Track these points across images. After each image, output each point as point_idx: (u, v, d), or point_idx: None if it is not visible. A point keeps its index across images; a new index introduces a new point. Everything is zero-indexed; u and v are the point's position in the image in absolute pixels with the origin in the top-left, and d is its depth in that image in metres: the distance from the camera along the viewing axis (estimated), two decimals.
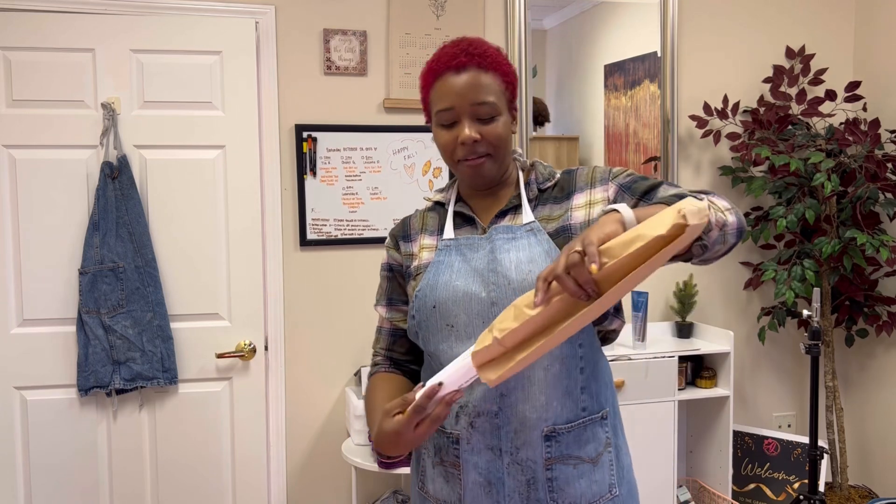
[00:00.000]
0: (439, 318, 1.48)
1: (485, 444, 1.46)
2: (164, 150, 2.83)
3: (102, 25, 2.77)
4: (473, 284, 1.47)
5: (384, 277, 1.64)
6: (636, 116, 3.36)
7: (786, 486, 3.31)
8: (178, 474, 2.90)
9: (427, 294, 1.49)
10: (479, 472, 1.47)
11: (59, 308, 2.77)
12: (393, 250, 1.63)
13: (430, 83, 1.50)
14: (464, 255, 1.51)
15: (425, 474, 1.57)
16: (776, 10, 3.52)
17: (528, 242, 1.48)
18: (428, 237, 1.59)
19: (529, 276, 1.44)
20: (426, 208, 1.65)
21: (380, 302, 1.65)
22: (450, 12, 3.11)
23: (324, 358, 3.09)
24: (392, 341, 1.64)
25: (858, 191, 3.13)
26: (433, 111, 1.50)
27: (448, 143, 1.48)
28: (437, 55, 1.50)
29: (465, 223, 1.57)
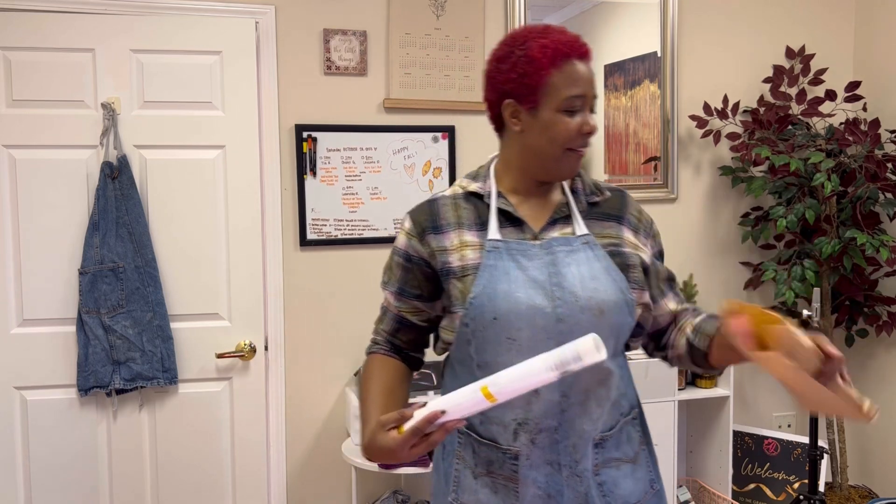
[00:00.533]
0: (500, 331, 1.41)
1: (544, 459, 1.44)
2: (164, 150, 2.83)
3: (102, 25, 2.77)
4: (536, 297, 1.41)
5: (399, 265, 1.54)
6: (636, 116, 3.36)
7: (786, 486, 3.31)
8: (178, 474, 2.90)
9: (485, 304, 1.41)
10: (538, 486, 1.44)
11: (59, 308, 2.77)
12: (416, 241, 1.52)
13: (557, 64, 1.42)
14: (517, 262, 1.44)
15: (460, 485, 1.50)
16: (776, 10, 3.52)
17: (587, 257, 1.46)
18: (468, 233, 1.48)
19: (595, 293, 1.42)
20: (456, 196, 1.54)
21: (389, 286, 1.57)
22: (450, 12, 3.11)
23: (324, 358, 3.09)
24: (396, 328, 1.58)
25: (858, 191, 3.13)
26: (557, 96, 1.42)
27: (570, 129, 1.43)
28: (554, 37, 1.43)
29: (509, 223, 1.49)
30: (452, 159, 3.14)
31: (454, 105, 3.13)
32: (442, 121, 3.15)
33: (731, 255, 3.54)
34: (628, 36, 3.33)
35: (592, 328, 1.41)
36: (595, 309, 1.41)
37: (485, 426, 1.47)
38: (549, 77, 1.42)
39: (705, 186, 3.48)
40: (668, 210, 3.44)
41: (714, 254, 3.52)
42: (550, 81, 1.42)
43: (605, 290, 1.43)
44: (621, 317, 1.45)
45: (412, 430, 1.27)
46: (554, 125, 1.43)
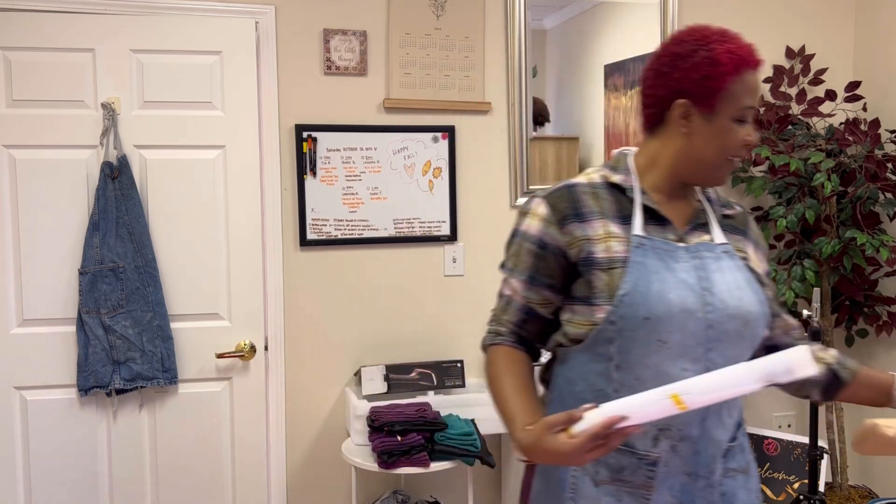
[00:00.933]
0: (650, 332, 1.36)
1: (682, 469, 1.42)
2: (165, 150, 2.83)
3: (102, 25, 2.77)
4: (688, 300, 1.38)
5: (531, 252, 1.46)
6: (636, 116, 3.36)
7: (786, 486, 3.31)
8: (178, 474, 2.90)
9: (638, 304, 1.36)
10: (672, 493, 1.42)
11: (59, 308, 2.77)
12: (555, 228, 1.44)
13: (739, 72, 1.39)
14: (665, 262, 1.40)
15: (578, 492, 1.44)
16: (776, 10, 3.52)
17: (729, 265, 1.45)
18: (612, 224, 1.43)
19: (741, 302, 1.41)
20: (594, 184, 1.48)
21: (517, 274, 1.47)
22: (450, 12, 3.11)
23: (324, 358, 3.09)
24: (523, 319, 1.49)
25: (858, 191, 3.13)
26: (734, 104, 1.40)
27: (738, 139, 1.41)
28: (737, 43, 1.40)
29: (652, 221, 1.45)
30: (452, 159, 3.14)
31: (454, 105, 3.13)
32: (442, 121, 3.15)
33: None
34: (628, 36, 3.33)
35: (738, 337, 1.41)
36: (741, 318, 1.41)
37: None
38: (730, 84, 1.39)
39: None
40: None
41: None
42: (731, 88, 1.39)
43: (749, 300, 1.42)
44: (760, 329, 1.44)
45: (592, 434, 1.22)
46: (726, 133, 1.40)
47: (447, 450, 2.72)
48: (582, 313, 1.42)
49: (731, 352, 1.41)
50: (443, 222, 3.16)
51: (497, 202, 3.24)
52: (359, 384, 3.09)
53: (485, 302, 3.24)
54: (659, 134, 1.48)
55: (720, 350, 1.39)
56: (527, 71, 3.21)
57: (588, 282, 1.41)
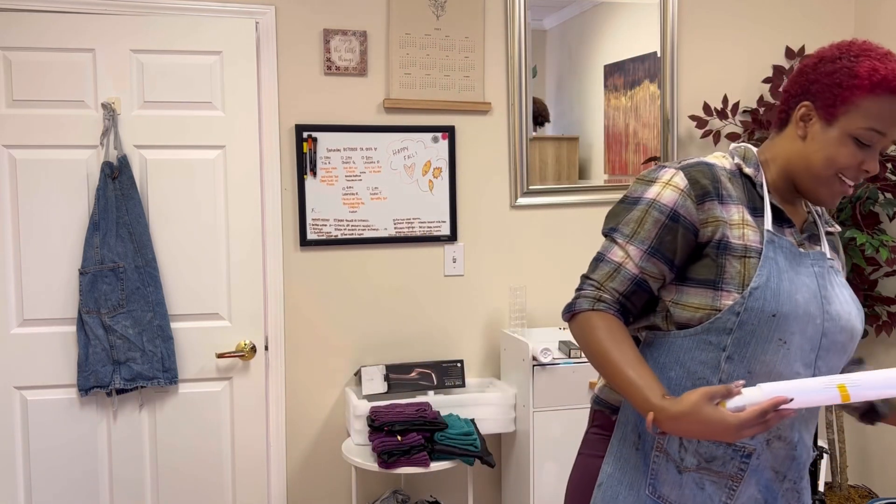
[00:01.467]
0: (774, 330, 1.35)
1: (770, 465, 1.43)
2: (165, 150, 2.83)
3: (102, 25, 2.77)
4: (811, 305, 1.38)
5: (658, 220, 1.38)
6: (636, 116, 3.36)
7: None
8: (178, 474, 2.90)
9: (769, 299, 1.34)
10: (759, 488, 1.43)
11: (59, 308, 2.77)
12: (692, 202, 1.38)
13: (877, 92, 1.34)
14: (791, 263, 1.39)
15: (659, 478, 1.43)
16: (776, 10, 3.52)
17: (839, 281, 1.46)
18: (747, 212, 1.41)
19: (850, 317, 1.43)
20: (730, 171, 1.45)
21: (635, 241, 1.39)
22: (450, 12, 3.11)
23: (324, 358, 3.09)
24: (632, 290, 1.40)
25: (858, 191, 3.13)
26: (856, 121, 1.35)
27: (852, 158, 1.36)
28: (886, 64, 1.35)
29: (776, 221, 1.43)
30: (452, 159, 3.15)
31: (454, 105, 3.13)
32: (442, 121, 3.15)
33: None
34: (628, 36, 3.33)
35: (843, 349, 1.43)
36: (849, 332, 1.43)
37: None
38: (860, 99, 1.35)
39: None
40: None
41: None
42: (859, 103, 1.35)
43: (855, 316, 1.45)
44: (855, 345, 1.46)
45: (760, 411, 1.21)
46: (838, 147, 1.37)
47: (447, 450, 2.72)
48: (701, 297, 1.38)
49: (835, 362, 1.43)
50: (443, 222, 3.16)
51: (497, 202, 3.24)
52: (359, 384, 3.09)
53: (485, 302, 3.24)
54: (783, 133, 1.46)
55: (826, 359, 1.42)
56: (527, 71, 3.21)
57: (719, 266, 1.37)
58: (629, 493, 1.45)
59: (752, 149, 1.49)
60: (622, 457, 1.47)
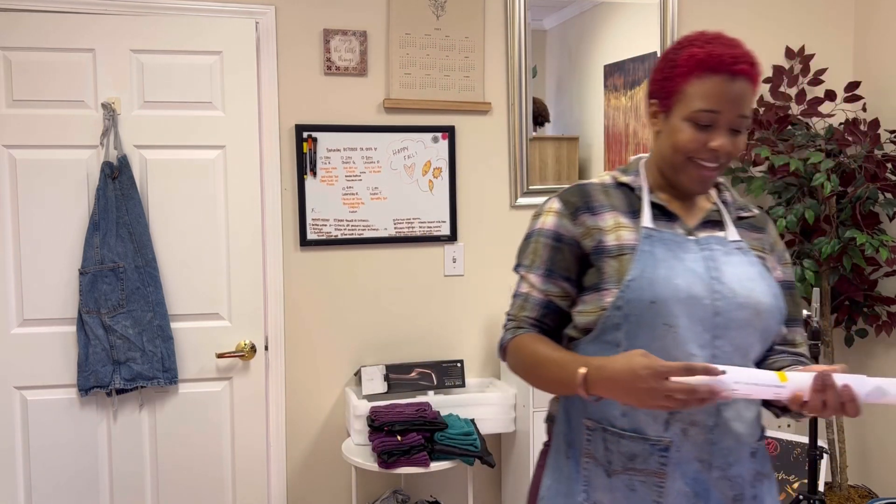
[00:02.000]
0: (656, 316, 1.38)
1: (695, 456, 1.42)
2: (165, 151, 2.83)
3: (102, 25, 2.77)
4: (695, 287, 1.40)
5: (546, 245, 1.50)
6: (636, 116, 3.36)
7: (785, 486, 3.31)
8: (178, 474, 2.90)
9: (644, 287, 1.39)
10: (685, 481, 1.42)
11: (59, 308, 2.77)
12: (568, 220, 1.49)
13: (698, 75, 1.41)
14: (673, 252, 1.44)
15: (591, 484, 1.46)
16: (776, 10, 3.52)
17: (741, 260, 1.47)
18: (622, 217, 1.48)
19: (752, 293, 1.43)
20: (605, 184, 1.54)
21: (533, 269, 1.51)
22: (450, 12, 3.11)
23: (324, 358, 3.09)
24: (543, 313, 1.51)
25: (858, 191, 3.14)
26: (688, 106, 1.42)
27: (693, 142, 1.42)
28: (709, 49, 1.41)
29: (663, 217, 1.50)
30: (452, 159, 3.15)
31: (454, 105, 3.13)
32: (442, 121, 3.15)
33: None
34: (628, 36, 3.33)
35: (748, 326, 1.42)
36: (752, 308, 1.43)
37: (629, 417, 1.43)
38: (685, 85, 1.42)
39: None
40: None
41: None
42: (685, 90, 1.42)
43: (761, 292, 1.44)
44: (773, 322, 1.46)
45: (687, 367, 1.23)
46: (677, 132, 1.44)
47: (447, 450, 2.72)
48: (592, 301, 1.45)
49: (741, 341, 1.42)
50: (443, 222, 3.16)
51: (497, 202, 3.24)
52: (359, 384, 3.09)
53: (485, 302, 3.24)
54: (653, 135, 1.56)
55: (728, 338, 1.41)
56: (527, 71, 3.21)
57: (598, 269, 1.45)
58: (566, 502, 1.48)
59: (640, 158, 1.57)
60: (558, 468, 1.52)
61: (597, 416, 1.46)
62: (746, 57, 1.42)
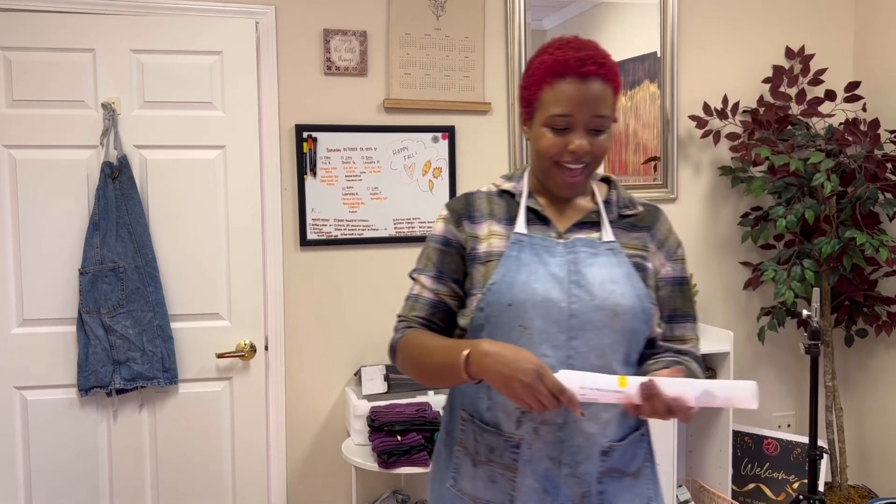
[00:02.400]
0: (513, 318, 1.45)
1: (545, 453, 1.47)
2: (165, 150, 2.83)
3: (102, 25, 2.77)
4: (553, 290, 1.45)
5: (436, 249, 1.58)
6: (636, 116, 3.36)
7: (785, 486, 3.31)
8: (178, 474, 2.90)
9: (503, 291, 1.46)
10: (535, 478, 1.47)
11: (59, 308, 2.77)
12: (452, 226, 1.58)
13: (549, 81, 1.46)
14: (540, 257, 1.49)
15: (459, 472, 1.55)
16: (776, 10, 3.52)
17: (608, 261, 1.49)
18: (497, 224, 1.55)
19: (612, 296, 1.46)
20: (490, 192, 1.60)
21: (425, 272, 1.58)
22: (450, 12, 3.11)
23: (324, 358, 3.09)
24: (433, 312, 1.57)
25: (858, 191, 3.14)
26: (544, 112, 1.46)
27: (553, 146, 1.47)
28: (559, 54, 1.45)
29: (538, 221, 1.55)
30: (452, 159, 3.15)
31: (454, 105, 3.13)
32: (442, 121, 3.15)
33: (730, 255, 3.54)
34: (628, 36, 3.33)
35: (605, 328, 1.45)
36: (609, 310, 1.45)
37: (491, 412, 1.50)
38: (540, 93, 1.47)
39: (705, 186, 3.48)
40: (667, 210, 3.44)
41: (714, 254, 3.52)
42: (541, 97, 1.47)
43: (622, 293, 1.46)
44: (636, 323, 1.47)
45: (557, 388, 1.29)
46: (539, 138, 1.49)
47: None
48: (467, 304, 1.54)
49: (597, 342, 1.45)
50: None
51: None
52: (359, 384, 3.09)
53: None
54: None
55: (584, 339, 1.45)
56: None
57: (470, 275, 1.54)
58: (440, 487, 1.59)
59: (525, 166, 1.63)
60: (438, 454, 1.63)
61: (470, 409, 1.54)
62: (595, 58, 1.44)
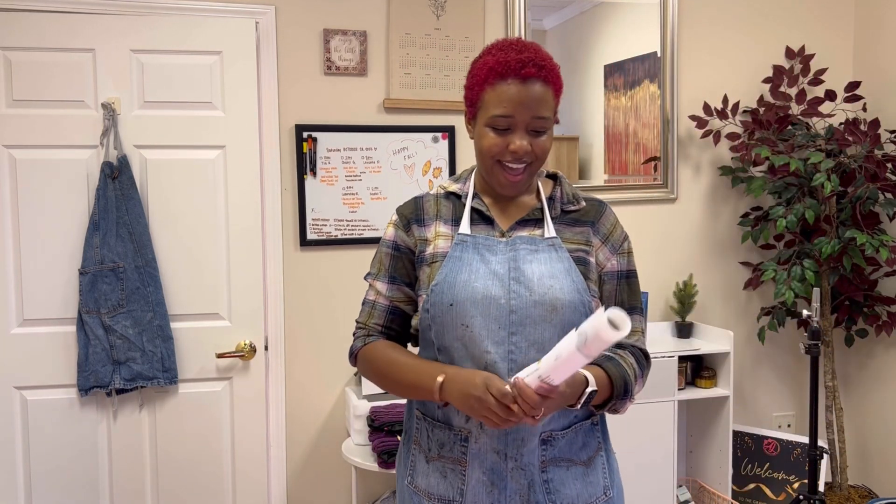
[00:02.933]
0: (455, 317, 1.48)
1: (491, 447, 1.50)
2: (165, 150, 2.83)
3: (102, 25, 2.77)
4: (493, 288, 1.49)
5: (387, 254, 1.62)
6: (636, 116, 3.36)
7: (785, 486, 3.31)
8: (178, 474, 2.90)
9: (444, 291, 1.50)
10: (483, 471, 1.51)
11: (59, 308, 2.77)
12: (402, 231, 1.61)
13: (490, 83, 1.48)
14: (482, 256, 1.52)
15: (415, 469, 1.60)
16: (776, 10, 3.52)
17: (549, 257, 1.52)
18: (443, 225, 1.58)
19: (550, 290, 1.48)
20: (438, 195, 1.63)
21: (378, 277, 1.62)
22: (450, 12, 3.11)
23: (324, 358, 3.09)
24: (390, 319, 1.62)
25: (858, 191, 3.13)
26: (486, 112, 1.49)
27: (495, 146, 1.49)
28: (500, 56, 1.48)
29: (482, 221, 1.57)
30: (452, 159, 3.15)
31: (454, 105, 3.13)
32: (442, 121, 3.15)
33: (730, 255, 3.54)
34: (628, 36, 3.33)
35: (544, 322, 1.47)
36: (548, 305, 1.48)
37: (442, 410, 1.55)
38: (482, 94, 1.50)
39: (705, 186, 3.48)
40: (667, 210, 3.44)
41: (714, 254, 3.52)
42: (483, 98, 1.50)
43: (561, 288, 1.49)
44: (575, 316, 1.50)
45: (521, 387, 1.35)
46: (480, 138, 1.51)
47: None
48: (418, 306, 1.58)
49: (537, 336, 1.48)
50: None
51: None
52: (359, 384, 3.09)
53: None
54: None
55: (524, 334, 1.47)
56: None
57: (418, 277, 1.58)
58: (401, 484, 1.64)
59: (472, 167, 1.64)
60: (400, 453, 1.68)
61: (423, 408, 1.59)
62: (535, 60, 1.47)
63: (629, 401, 1.54)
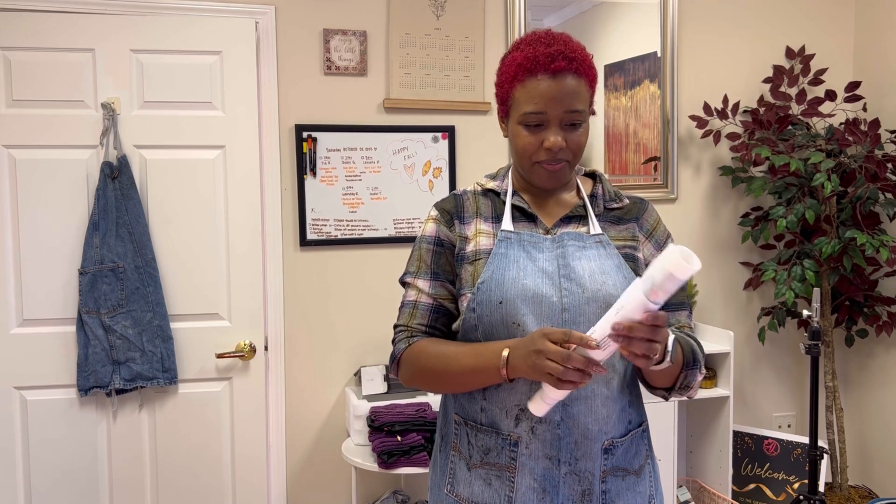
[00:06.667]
0: (505, 315, 1.43)
1: (543, 452, 1.45)
2: (165, 150, 2.83)
3: (102, 25, 2.77)
4: (544, 286, 1.44)
5: (429, 250, 1.55)
6: (636, 116, 3.36)
7: (786, 487, 3.31)
8: (178, 474, 2.90)
9: (492, 289, 1.44)
10: (534, 477, 1.45)
11: (59, 308, 2.77)
12: (444, 226, 1.55)
13: (520, 79, 1.45)
14: (528, 253, 1.48)
15: (455, 477, 1.53)
16: (776, 10, 3.52)
17: (597, 253, 1.49)
18: (483, 223, 1.54)
19: (603, 287, 1.44)
20: (476, 192, 1.59)
21: (419, 275, 1.55)
22: (450, 12, 3.11)
23: (324, 358, 3.09)
24: (435, 318, 1.54)
25: (858, 191, 3.13)
26: (518, 110, 1.46)
27: (530, 144, 1.46)
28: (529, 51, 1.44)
29: (524, 218, 1.54)
30: (452, 159, 3.14)
31: (454, 105, 3.13)
32: (442, 121, 3.15)
33: (731, 255, 3.54)
34: (628, 36, 3.33)
35: (597, 319, 1.43)
36: (602, 301, 1.44)
37: (486, 413, 1.48)
38: (513, 91, 1.47)
39: (705, 186, 3.48)
40: (668, 210, 3.44)
41: (714, 254, 3.52)
42: (514, 95, 1.47)
43: (613, 284, 1.45)
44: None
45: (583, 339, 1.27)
46: (515, 137, 1.48)
47: None
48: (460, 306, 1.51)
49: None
50: None
51: None
52: (359, 384, 3.09)
53: None
54: None
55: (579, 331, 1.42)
56: None
57: (459, 276, 1.52)
58: (438, 493, 1.57)
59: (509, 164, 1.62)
60: (435, 460, 1.61)
61: (462, 413, 1.52)
62: (565, 53, 1.43)
63: (699, 373, 1.48)
